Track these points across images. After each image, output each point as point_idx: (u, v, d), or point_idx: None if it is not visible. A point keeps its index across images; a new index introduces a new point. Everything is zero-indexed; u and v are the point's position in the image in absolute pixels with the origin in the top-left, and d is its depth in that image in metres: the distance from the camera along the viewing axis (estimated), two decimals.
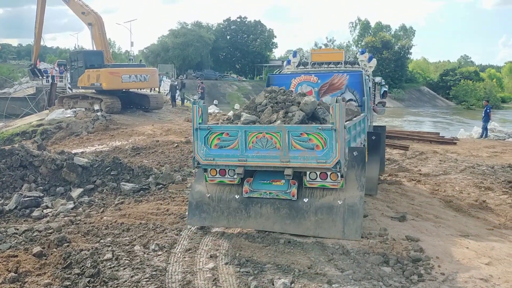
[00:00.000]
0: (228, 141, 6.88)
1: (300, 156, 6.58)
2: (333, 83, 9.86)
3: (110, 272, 5.63)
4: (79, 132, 19.43)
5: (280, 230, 7.00)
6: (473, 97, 70.41)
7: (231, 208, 7.18)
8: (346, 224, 6.77)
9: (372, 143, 9.83)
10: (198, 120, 6.97)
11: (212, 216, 7.24)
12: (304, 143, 6.57)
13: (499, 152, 16.79)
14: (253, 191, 7.05)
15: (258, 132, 6.73)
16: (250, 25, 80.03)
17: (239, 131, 6.79)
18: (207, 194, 7.31)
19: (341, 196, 6.84)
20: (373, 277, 5.68)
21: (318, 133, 6.50)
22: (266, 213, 7.05)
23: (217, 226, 7.30)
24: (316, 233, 6.85)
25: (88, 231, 7.17)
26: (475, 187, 10.89)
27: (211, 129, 6.96)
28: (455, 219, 8.61)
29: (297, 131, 6.57)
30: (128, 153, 14.47)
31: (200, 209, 7.29)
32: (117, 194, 9.46)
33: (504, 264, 6.32)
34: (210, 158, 6.96)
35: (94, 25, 24.93)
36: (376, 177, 9.87)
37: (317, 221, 6.85)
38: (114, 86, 23.61)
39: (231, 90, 64.07)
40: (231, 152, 6.85)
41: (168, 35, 71.67)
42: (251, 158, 6.77)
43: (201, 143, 7.00)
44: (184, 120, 22.87)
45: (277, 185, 7.00)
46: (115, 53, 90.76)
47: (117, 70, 23.76)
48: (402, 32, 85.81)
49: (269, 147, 6.70)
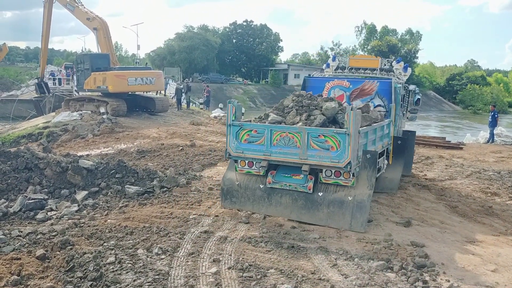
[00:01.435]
0: (256, 137, 7.96)
1: (316, 155, 7.51)
2: (364, 88, 10.46)
3: (112, 275, 5.61)
4: (85, 134, 19.48)
5: (296, 218, 7.99)
6: (480, 101, 70.04)
7: (256, 196, 8.32)
8: (353, 217, 7.61)
9: (398, 147, 10.58)
10: (232, 117, 8.13)
11: (240, 201, 8.47)
12: (321, 144, 7.48)
13: (506, 157, 16.64)
14: (275, 182, 8.10)
15: (282, 131, 7.76)
16: (256, 29, 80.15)
17: (265, 129, 7.86)
18: (236, 182, 8.50)
19: (352, 193, 7.69)
20: (377, 283, 5.63)
21: (334, 136, 7.38)
22: (285, 203, 8.08)
23: (244, 209, 8.41)
24: (327, 223, 7.75)
25: (91, 234, 7.17)
26: (481, 193, 10.80)
27: (242, 126, 8.10)
28: (461, 225, 8.53)
29: (316, 132, 7.52)
30: (133, 156, 14.49)
31: (230, 194, 8.55)
32: (122, 197, 9.46)
33: (511, 271, 6.24)
34: (240, 151, 8.11)
35: (99, 29, 25.09)
36: (399, 178, 10.55)
37: (328, 213, 7.77)
38: (120, 89, 23.70)
39: (236, 94, 64.08)
40: (258, 147, 7.94)
41: (175, 38, 71.93)
42: (275, 154, 7.81)
43: (233, 138, 8.13)
44: (190, 123, 22.89)
45: (296, 179, 7.94)
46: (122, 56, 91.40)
47: (123, 73, 23.84)
48: (409, 36, 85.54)
49: (291, 145, 7.66)
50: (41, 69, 29.99)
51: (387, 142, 10.02)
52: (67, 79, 39.06)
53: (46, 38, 27.59)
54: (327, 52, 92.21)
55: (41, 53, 28.24)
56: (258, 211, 8.31)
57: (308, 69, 78.58)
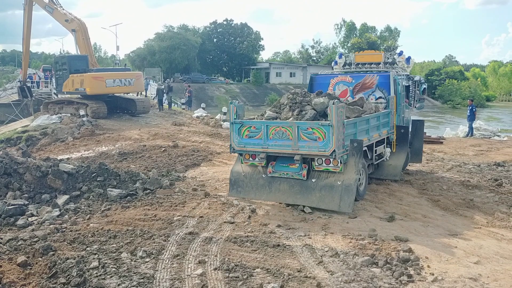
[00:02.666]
0: (255, 132, 8.98)
1: (306, 145, 8.46)
2: (365, 82, 11.22)
3: (96, 280, 5.52)
4: (65, 138, 19.15)
5: (292, 202, 8.93)
6: (458, 96, 71.25)
7: (259, 184, 9.34)
8: (342, 199, 8.48)
9: (400, 136, 11.23)
10: (234, 116, 9.18)
11: (245, 190, 9.49)
12: (309, 135, 8.41)
13: (485, 150, 16.95)
14: (274, 171, 9.09)
15: (276, 126, 8.75)
16: (237, 28, 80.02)
17: (262, 125, 8.89)
18: (242, 173, 9.54)
19: (341, 178, 8.60)
20: (362, 279, 5.66)
21: (320, 128, 8.30)
22: (283, 189, 9.06)
23: (248, 197, 9.36)
24: (319, 205, 8.65)
25: (74, 239, 7.04)
26: (462, 186, 10.95)
27: (243, 123, 9.14)
28: (443, 218, 8.64)
29: (304, 126, 8.48)
30: (115, 159, 14.32)
31: (237, 184, 9.60)
32: (104, 201, 9.33)
33: (493, 263, 6.34)
34: (242, 145, 9.16)
35: (78, 31, 24.76)
36: (401, 165, 11.18)
37: (320, 196, 8.68)
38: (98, 91, 23.37)
39: (218, 93, 63.90)
40: (257, 141, 8.95)
41: (154, 38, 71.28)
42: (271, 146, 8.82)
43: (236, 134, 9.19)
44: (172, 124, 22.72)
45: (292, 168, 8.90)
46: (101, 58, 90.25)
47: (101, 75, 23.54)
48: (388, 33, 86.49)
49: (284, 138, 8.63)
50: (23, 72, 29.39)
51: (386, 131, 10.64)
52: (46, 82, 38.41)
53: (27, 41, 27.16)
54: (307, 50, 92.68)
55: (23, 56, 27.72)
56: (260, 198, 9.27)
57: (289, 67, 78.89)
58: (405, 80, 11.80)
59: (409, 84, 11.97)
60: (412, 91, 12.15)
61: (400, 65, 12.08)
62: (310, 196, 8.77)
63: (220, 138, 18.28)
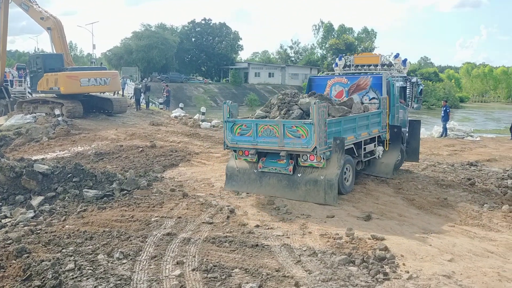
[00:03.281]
0: (246, 130, 9.64)
1: (291, 142, 9.12)
2: (359, 84, 11.78)
3: (72, 283, 5.44)
4: (39, 138, 18.76)
5: (281, 196, 9.47)
6: (433, 97, 72.58)
7: (251, 179, 10.03)
8: (326, 193, 9.10)
9: (393, 135, 11.70)
10: (227, 115, 9.82)
11: (239, 184, 10.16)
12: (294, 133, 9.07)
13: (459, 150, 17.34)
14: (264, 167, 9.77)
15: (265, 124, 9.41)
16: (215, 28, 79.78)
17: (252, 123, 9.56)
18: (236, 168, 10.23)
19: (324, 173, 9.21)
20: (340, 277, 5.73)
21: (303, 126, 8.95)
22: (272, 183, 9.72)
23: (241, 191, 9.98)
24: (306, 199, 9.24)
25: (49, 241, 6.92)
26: (437, 185, 11.18)
27: (235, 122, 9.79)
28: (418, 217, 8.81)
29: (289, 124, 9.16)
30: (91, 159, 14.11)
31: (232, 178, 10.29)
32: (80, 202, 9.19)
33: (466, 260, 6.50)
34: (234, 142, 9.81)
35: (53, 29, 24.29)
36: (393, 164, 11.63)
37: (306, 190, 9.32)
38: (73, 90, 22.96)
39: (197, 93, 63.53)
40: (247, 138, 9.61)
41: (132, 37, 70.36)
42: (260, 143, 9.48)
43: (229, 132, 9.83)
44: (149, 124, 22.51)
45: (280, 163, 9.55)
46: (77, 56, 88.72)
47: (75, 74, 23.13)
48: (365, 34, 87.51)
49: (272, 135, 9.28)
50: (0, 73, 28.65)
51: (377, 130, 11.14)
52: (19, 81, 37.51)
53: (4, 40, 26.45)
54: (286, 51, 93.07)
55: (0, 56, 27.02)
56: (251, 191, 9.86)
57: (268, 68, 79.08)
58: (401, 82, 12.29)
59: (405, 85, 12.48)
60: (409, 92, 12.66)
61: (397, 67, 12.64)
62: (296, 190, 9.39)
63: (198, 138, 18.21)
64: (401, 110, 12.37)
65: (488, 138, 22.88)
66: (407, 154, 12.77)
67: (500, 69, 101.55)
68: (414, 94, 13.00)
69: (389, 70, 12.42)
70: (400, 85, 12.24)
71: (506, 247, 7.26)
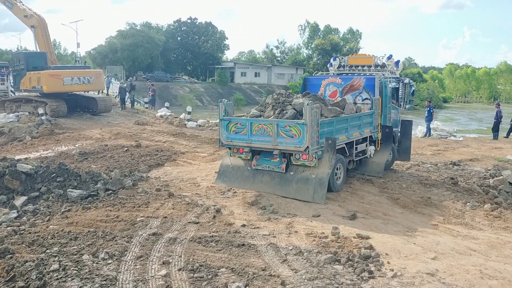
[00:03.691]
0: (240, 129, 9.87)
1: (284, 141, 9.32)
2: (353, 84, 11.96)
3: (57, 283, 5.39)
4: (23, 137, 18.46)
5: (273, 192, 9.70)
6: (417, 97, 73.26)
7: (244, 176, 10.28)
8: (315, 191, 9.32)
9: (385, 135, 11.95)
10: (223, 113, 10.04)
11: (231, 180, 10.40)
12: (287, 132, 9.27)
13: (442, 150, 17.58)
14: (258, 165, 10.06)
15: (259, 123, 9.64)
16: (201, 27, 79.43)
17: (247, 122, 9.78)
18: (230, 165, 10.49)
19: (315, 172, 9.47)
20: (325, 276, 5.78)
21: (296, 126, 9.16)
22: (265, 180, 9.98)
23: (233, 187, 10.18)
24: (295, 196, 9.43)
25: (33, 241, 6.83)
26: (420, 184, 11.33)
27: (230, 120, 9.99)
28: (403, 216, 8.92)
29: (283, 123, 9.37)
30: (75, 159, 13.95)
31: (224, 175, 10.54)
32: (64, 202, 9.08)
33: (449, 258, 6.61)
34: (229, 140, 10.05)
35: (37, 27, 23.95)
36: (384, 163, 11.93)
37: (297, 188, 9.55)
38: (55, 89, 22.67)
39: (183, 92, 63.19)
40: (242, 137, 9.84)
41: (116, 36, 69.61)
42: (254, 141, 9.70)
43: (224, 129, 10.05)
44: (134, 123, 22.34)
45: (273, 161, 9.82)
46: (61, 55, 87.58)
47: (58, 73, 22.85)
48: (350, 35, 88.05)
49: (265, 134, 9.51)
50: None
51: (369, 130, 11.40)
52: (1, 79, 36.91)
53: None
54: (272, 50, 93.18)
55: None
56: (244, 188, 10.11)
57: (254, 67, 79.12)
58: (394, 83, 12.53)
59: (398, 86, 12.72)
60: (401, 93, 12.92)
61: (390, 68, 12.93)
62: (288, 188, 9.64)
63: (184, 138, 18.14)
64: (393, 111, 12.61)
65: (470, 138, 23.24)
66: (398, 154, 13.02)
67: (483, 70, 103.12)
68: (406, 95, 13.29)
69: (382, 71, 12.67)
70: (393, 86, 12.48)
71: (488, 245, 7.40)
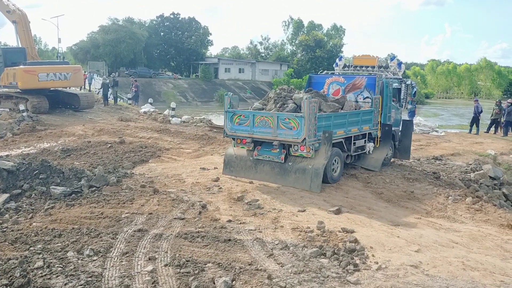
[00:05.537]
0: (244, 120, 10.47)
1: (283, 133, 9.90)
2: (355, 83, 12.50)
3: (41, 280, 5.33)
4: (4, 134, 18.13)
5: (273, 182, 10.32)
6: None
7: (247, 166, 10.90)
8: (312, 181, 9.86)
9: (384, 133, 12.44)
10: (228, 105, 10.69)
11: (236, 170, 11.02)
12: (286, 125, 9.85)
13: (424, 145, 17.85)
14: (259, 155, 10.64)
15: (261, 115, 10.23)
16: (184, 22, 78.77)
17: (250, 114, 10.40)
18: (234, 155, 11.06)
19: (312, 163, 9.98)
20: (311, 269, 5.83)
21: (295, 118, 9.72)
22: (266, 170, 10.57)
23: (238, 176, 10.84)
24: (294, 185, 10.02)
25: (16, 239, 6.73)
26: (404, 179, 11.49)
27: (235, 112, 10.63)
28: (386, 210, 9.04)
29: (283, 116, 9.94)
30: (58, 155, 13.77)
31: (229, 164, 11.14)
32: (47, 199, 8.96)
33: (432, 251, 6.73)
34: (233, 131, 10.69)
35: (19, 22, 23.52)
36: (382, 158, 12.35)
37: (295, 178, 10.12)
38: (30, 85, 22.07)
39: (166, 88, 62.70)
40: (245, 128, 10.45)
41: (98, 31, 68.57)
42: (256, 133, 10.32)
43: (229, 121, 10.68)
44: (118, 120, 22.13)
45: (273, 152, 10.40)
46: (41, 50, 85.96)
47: (33, 68, 22.21)
48: (334, 31, 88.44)
49: (267, 126, 10.10)
50: None
51: (368, 127, 11.89)
52: None
53: None
54: (256, 46, 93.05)
55: None
56: (247, 177, 10.67)
57: (238, 63, 78.90)
58: (396, 83, 12.92)
59: (400, 87, 13.13)
60: (403, 93, 13.33)
61: (392, 69, 13.47)
62: (287, 178, 10.19)
63: (168, 134, 18.04)
64: (394, 110, 12.93)
65: (452, 133, 23.63)
66: (399, 152, 13.32)
67: (464, 66, 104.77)
68: (408, 96, 13.70)
69: (385, 72, 13.06)
70: (395, 86, 12.86)
71: (469, 237, 7.55)
